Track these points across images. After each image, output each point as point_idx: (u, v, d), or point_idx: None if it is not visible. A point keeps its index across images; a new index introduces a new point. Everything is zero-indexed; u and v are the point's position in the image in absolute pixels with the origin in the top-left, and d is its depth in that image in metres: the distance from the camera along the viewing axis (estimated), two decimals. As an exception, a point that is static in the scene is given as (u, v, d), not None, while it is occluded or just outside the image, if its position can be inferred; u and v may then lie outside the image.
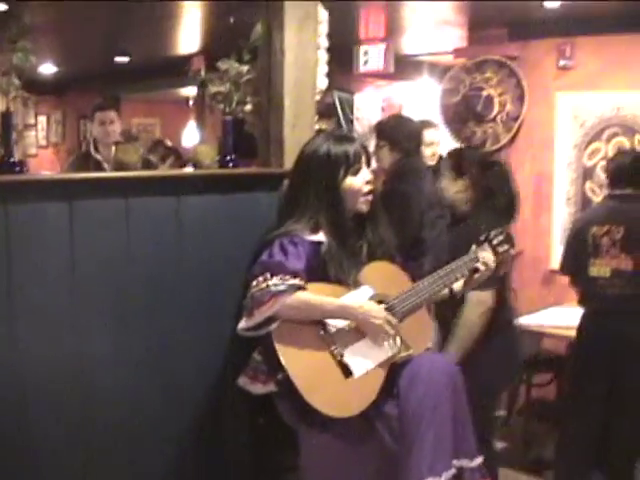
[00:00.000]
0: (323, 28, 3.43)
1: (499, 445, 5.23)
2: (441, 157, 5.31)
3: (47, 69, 8.77)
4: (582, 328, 4.35)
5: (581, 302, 4.39)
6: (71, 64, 8.42)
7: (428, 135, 5.19)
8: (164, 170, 5.90)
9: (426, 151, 5.16)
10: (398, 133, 4.76)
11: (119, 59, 7.56)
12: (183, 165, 6.85)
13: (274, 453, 3.29)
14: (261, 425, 3.20)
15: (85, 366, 2.71)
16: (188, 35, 7.07)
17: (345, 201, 2.93)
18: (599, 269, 4.18)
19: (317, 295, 2.77)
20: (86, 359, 2.71)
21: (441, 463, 2.70)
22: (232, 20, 5.57)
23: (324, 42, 3.46)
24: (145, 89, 10.03)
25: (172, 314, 2.97)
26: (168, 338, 2.96)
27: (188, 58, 7.69)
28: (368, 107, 8.81)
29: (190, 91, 10.36)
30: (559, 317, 5.19)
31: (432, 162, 5.19)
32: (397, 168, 4.66)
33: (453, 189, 3.90)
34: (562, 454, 4.46)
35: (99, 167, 5.09)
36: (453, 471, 2.73)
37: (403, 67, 7.40)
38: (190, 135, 10.60)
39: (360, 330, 2.83)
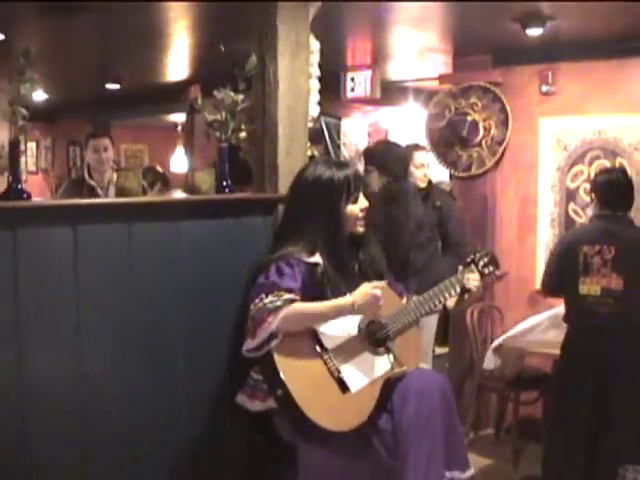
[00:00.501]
0: (315, 57, 3.55)
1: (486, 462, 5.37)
2: (430, 181, 5.45)
3: (37, 96, 8.85)
4: (567, 345, 4.44)
5: (567, 319, 4.48)
6: (61, 91, 8.49)
7: (419, 157, 5.32)
8: (153, 195, 6.02)
9: (417, 173, 5.29)
10: (386, 158, 4.91)
11: (110, 86, 7.63)
12: (169, 190, 6.96)
13: (271, 470, 3.37)
14: (258, 442, 3.28)
15: (86, 383, 2.76)
16: (178, 63, 7.20)
17: (345, 226, 3.05)
18: (589, 287, 4.28)
19: (309, 303, 2.89)
20: (87, 377, 2.76)
21: (435, 475, 2.81)
22: (222, 49, 5.69)
23: (316, 71, 3.59)
24: (134, 115, 10.12)
25: (171, 334, 3.04)
26: (167, 356, 3.04)
27: (184, 87, 7.81)
28: (355, 132, 8.96)
29: (178, 117, 10.49)
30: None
31: (423, 184, 5.32)
32: (386, 192, 4.79)
33: None
34: (548, 471, 4.55)
35: (93, 192, 5.17)
36: (446, 482, 2.84)
37: (389, 93, 7.54)
38: (178, 160, 10.71)
39: (355, 347, 2.94)
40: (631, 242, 4.27)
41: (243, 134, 3.45)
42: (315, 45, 3.56)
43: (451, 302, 3.23)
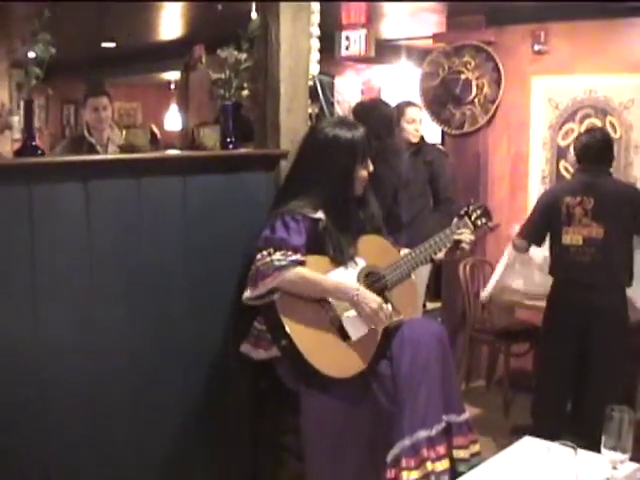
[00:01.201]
0: (315, 18, 3.65)
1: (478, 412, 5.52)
2: (422, 137, 5.56)
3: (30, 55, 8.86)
4: (552, 297, 4.66)
5: (552, 271, 4.67)
6: (56, 50, 8.53)
7: (411, 113, 5.41)
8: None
9: (409, 128, 5.38)
10: (371, 117, 4.99)
11: (106, 45, 7.66)
12: (157, 149, 7.04)
13: (274, 416, 3.52)
14: (263, 389, 3.42)
15: (100, 335, 2.89)
16: (172, 22, 7.25)
17: (354, 188, 3.17)
18: (572, 237, 4.49)
19: (316, 273, 3.00)
20: (101, 328, 2.90)
21: (432, 417, 2.96)
22: (220, 7, 5.76)
23: (316, 31, 3.69)
24: (128, 74, 10.15)
25: (178, 285, 3.17)
26: (175, 307, 3.17)
27: (178, 45, 7.87)
28: (348, 90, 9.02)
29: (172, 75, 10.52)
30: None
31: (415, 139, 5.42)
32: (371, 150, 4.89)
33: None
34: (538, 419, 4.74)
35: (92, 150, 5.23)
36: (443, 425, 2.99)
37: (382, 51, 7.58)
38: (172, 118, 10.77)
39: None
40: (609, 192, 4.47)
41: (245, 92, 3.54)
42: (316, 5, 3.65)
43: (440, 254, 3.34)
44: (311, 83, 3.70)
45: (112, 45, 7.89)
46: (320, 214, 3.09)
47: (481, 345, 6.19)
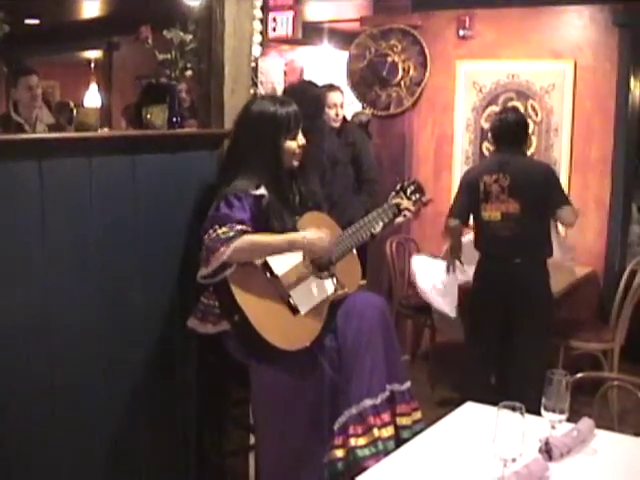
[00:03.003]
0: (258, 1, 3.72)
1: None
2: (345, 118, 5.69)
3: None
4: (477, 271, 4.89)
5: (477, 245, 4.90)
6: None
7: (332, 97, 5.53)
8: (71, 131, 6.05)
9: (330, 113, 5.51)
10: (301, 98, 5.09)
11: (30, 22, 7.56)
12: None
13: (220, 388, 3.62)
14: (211, 363, 3.51)
15: (52, 309, 2.92)
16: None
17: (283, 160, 3.26)
18: (490, 214, 4.71)
19: (262, 235, 3.08)
20: (53, 303, 2.93)
21: (377, 387, 3.10)
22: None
23: (259, 13, 3.77)
24: (46, 52, 9.98)
25: (128, 261, 3.22)
26: (124, 283, 3.22)
27: (98, 24, 7.79)
28: (271, 71, 9.09)
29: (92, 54, 10.40)
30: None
31: (336, 124, 5.55)
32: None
33: None
34: (466, 391, 4.92)
35: (21, 129, 5.20)
36: (387, 393, 3.14)
37: (306, 33, 7.68)
38: (92, 97, 10.65)
39: (302, 273, 3.18)
40: (523, 170, 4.68)
41: (189, 72, 3.60)
42: (259, -13, 3.73)
43: (379, 227, 3.46)
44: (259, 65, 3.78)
45: (36, 22, 7.77)
46: (262, 190, 3.17)
47: (406, 320, 6.36)
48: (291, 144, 3.27)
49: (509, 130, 4.74)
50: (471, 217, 4.90)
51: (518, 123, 4.77)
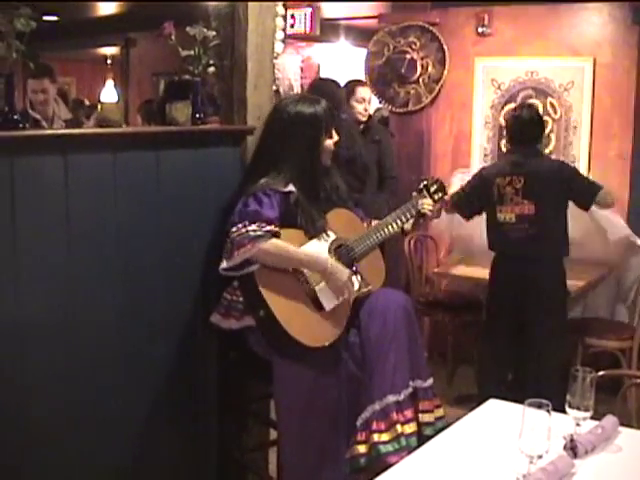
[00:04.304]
0: (280, -2, 3.73)
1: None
2: (370, 115, 5.70)
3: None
4: (492, 270, 4.86)
5: (491, 247, 4.87)
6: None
7: (360, 92, 5.55)
8: (90, 127, 6.07)
9: (358, 107, 5.52)
10: (325, 94, 5.10)
11: (48, 18, 7.59)
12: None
13: (242, 384, 3.63)
14: (233, 358, 3.52)
15: (76, 306, 2.94)
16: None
17: (322, 159, 3.28)
18: (505, 215, 4.69)
19: (289, 245, 3.11)
20: (75, 297, 2.94)
21: (400, 383, 3.11)
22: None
23: (281, 10, 3.78)
24: (63, 48, 10.01)
25: (150, 256, 3.23)
26: (147, 278, 3.23)
27: (114, 20, 7.80)
28: (288, 67, 9.09)
29: (108, 50, 10.44)
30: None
31: (364, 118, 5.56)
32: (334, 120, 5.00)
33: None
34: (482, 388, 4.93)
35: (38, 125, 5.22)
36: (410, 390, 3.15)
37: (322, 30, 7.69)
38: (108, 93, 10.68)
39: None
40: (537, 170, 4.65)
41: (212, 69, 3.61)
42: (280, -15, 3.73)
43: (408, 225, 3.48)
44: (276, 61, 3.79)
45: (54, 18, 7.79)
46: (291, 187, 3.20)
47: (423, 317, 6.36)
48: (329, 142, 3.30)
49: (524, 127, 4.72)
50: (484, 217, 4.89)
51: (533, 120, 4.74)
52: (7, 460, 2.75)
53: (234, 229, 3.06)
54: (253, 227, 3.04)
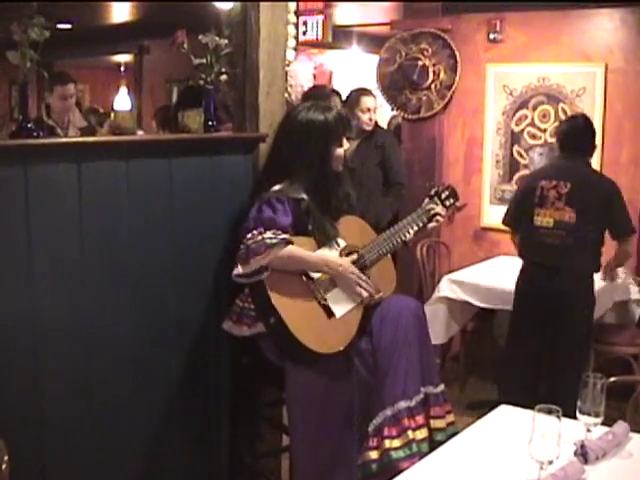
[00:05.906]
0: (292, 5, 3.76)
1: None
2: (376, 122, 5.72)
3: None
4: (521, 279, 4.71)
5: (521, 253, 4.74)
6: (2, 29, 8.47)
7: (365, 101, 5.57)
8: (102, 134, 6.11)
9: (363, 117, 5.55)
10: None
11: (62, 26, 7.64)
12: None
13: (254, 389, 3.65)
14: (245, 364, 3.53)
15: (89, 312, 2.97)
16: (123, 5, 7.26)
17: (333, 166, 3.30)
18: (543, 219, 4.53)
19: (303, 250, 3.13)
20: (90, 305, 2.97)
21: (412, 389, 3.12)
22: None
23: (292, 18, 3.80)
24: (76, 55, 10.08)
25: (163, 263, 3.26)
26: (160, 284, 3.25)
27: (128, 28, 7.84)
28: (300, 74, 9.13)
29: (122, 58, 10.49)
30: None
31: (369, 127, 5.59)
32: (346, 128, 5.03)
33: None
34: (505, 394, 4.88)
35: (53, 132, 5.26)
36: (422, 396, 3.16)
37: (335, 37, 7.72)
38: (122, 101, 10.73)
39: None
40: (586, 179, 4.53)
41: (224, 77, 3.63)
42: (292, -7, 3.76)
43: (410, 235, 3.47)
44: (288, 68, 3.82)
45: (68, 26, 7.85)
46: (302, 194, 3.22)
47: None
48: (339, 150, 3.31)
49: (577, 135, 4.61)
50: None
51: (588, 129, 4.63)
52: (26, 461, 2.76)
53: (249, 235, 3.08)
54: (269, 234, 3.06)
